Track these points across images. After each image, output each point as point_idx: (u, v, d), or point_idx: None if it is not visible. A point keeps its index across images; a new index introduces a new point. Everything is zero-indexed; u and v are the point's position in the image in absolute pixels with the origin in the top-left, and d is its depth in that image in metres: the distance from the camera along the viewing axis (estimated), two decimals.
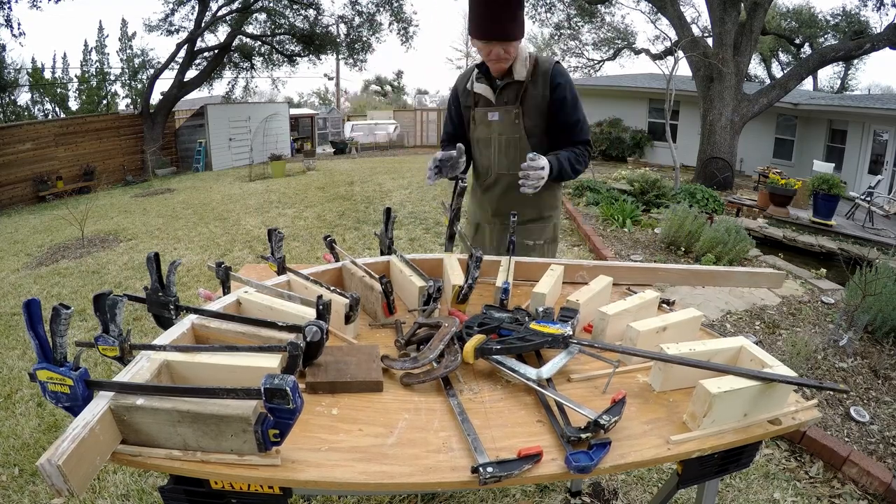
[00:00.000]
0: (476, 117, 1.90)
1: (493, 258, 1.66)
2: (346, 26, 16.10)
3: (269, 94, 24.05)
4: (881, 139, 10.33)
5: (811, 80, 18.06)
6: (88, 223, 6.57)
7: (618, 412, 0.93)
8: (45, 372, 0.85)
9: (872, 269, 3.37)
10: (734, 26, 9.33)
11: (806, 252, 6.28)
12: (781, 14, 15.80)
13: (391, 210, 1.73)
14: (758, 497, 2.06)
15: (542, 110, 1.79)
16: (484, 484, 0.83)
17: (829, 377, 2.82)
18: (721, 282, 1.79)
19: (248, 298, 1.27)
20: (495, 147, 1.88)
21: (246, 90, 17.78)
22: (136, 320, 3.57)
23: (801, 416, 1.05)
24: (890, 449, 2.31)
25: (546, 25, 14.20)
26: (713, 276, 1.76)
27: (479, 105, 1.88)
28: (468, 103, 1.92)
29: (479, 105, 1.88)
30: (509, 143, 1.85)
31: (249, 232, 6.17)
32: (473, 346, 1.12)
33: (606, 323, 1.28)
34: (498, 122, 1.85)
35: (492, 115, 1.85)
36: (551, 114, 1.79)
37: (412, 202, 7.47)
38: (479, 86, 1.86)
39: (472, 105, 1.90)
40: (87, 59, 21.01)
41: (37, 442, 2.38)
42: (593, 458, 0.87)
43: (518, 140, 1.83)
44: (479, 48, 1.72)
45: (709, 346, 1.12)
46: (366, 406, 1.02)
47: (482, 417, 1.00)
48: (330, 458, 0.87)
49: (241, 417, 0.81)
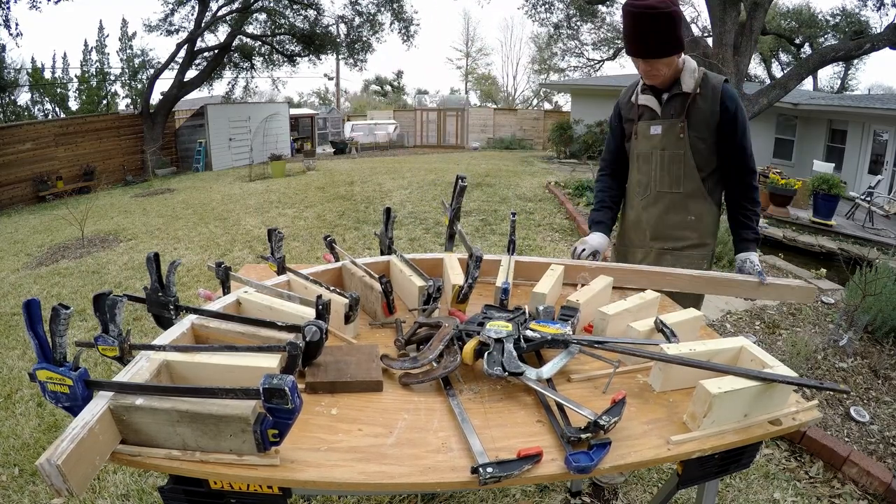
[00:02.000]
0: (638, 131, 1.83)
1: (493, 257, 1.65)
2: (347, 26, 16.12)
3: (269, 94, 24.09)
4: (881, 139, 10.33)
5: (811, 80, 18.07)
6: (88, 223, 6.57)
7: (618, 413, 0.93)
8: (44, 372, 0.86)
9: (872, 269, 3.37)
10: (734, 26, 9.32)
11: (806, 252, 6.27)
12: (781, 14, 15.79)
13: (391, 210, 1.72)
14: (758, 497, 2.06)
15: (710, 126, 1.71)
16: (484, 484, 0.82)
17: (829, 377, 2.81)
18: (738, 292, 1.66)
19: (248, 298, 1.27)
20: (656, 162, 1.79)
21: (246, 90, 17.79)
22: (136, 320, 3.56)
23: (801, 417, 1.05)
24: (890, 449, 2.31)
25: (546, 25, 14.18)
26: (729, 285, 1.63)
27: (643, 118, 1.81)
28: (631, 116, 1.85)
29: (642, 118, 1.81)
30: (673, 159, 1.76)
31: (249, 232, 6.17)
32: (473, 347, 1.11)
33: (606, 323, 1.28)
34: (661, 136, 1.77)
35: (654, 128, 1.77)
36: (720, 134, 1.71)
37: (412, 202, 7.46)
38: (644, 97, 1.79)
39: (636, 118, 1.83)
40: (87, 59, 21.03)
41: (37, 442, 2.38)
42: (593, 458, 0.87)
43: (682, 156, 1.75)
44: (634, 62, 1.70)
45: (709, 346, 1.12)
46: (365, 406, 1.02)
47: (482, 418, 1.00)
48: (329, 458, 0.87)
49: (239, 417, 0.81)
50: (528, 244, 5.29)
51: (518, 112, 20.51)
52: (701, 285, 1.62)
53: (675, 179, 1.78)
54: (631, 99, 1.86)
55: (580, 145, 14.06)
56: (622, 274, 1.64)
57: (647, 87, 1.78)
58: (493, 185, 8.71)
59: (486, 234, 5.75)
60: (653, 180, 1.82)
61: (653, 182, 1.83)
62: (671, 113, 1.74)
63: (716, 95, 1.68)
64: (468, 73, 37.16)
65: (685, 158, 1.75)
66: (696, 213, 1.80)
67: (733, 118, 1.69)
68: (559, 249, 5.22)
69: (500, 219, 6.40)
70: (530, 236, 5.62)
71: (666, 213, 1.82)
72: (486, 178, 9.50)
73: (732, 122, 1.69)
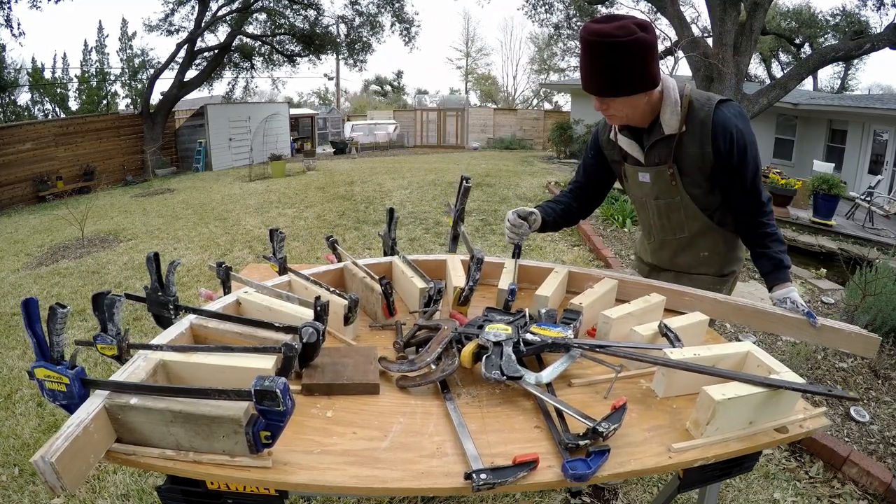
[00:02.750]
0: (627, 174, 1.61)
1: (494, 260, 1.65)
2: (347, 26, 16.12)
3: (269, 94, 24.09)
4: (881, 139, 10.32)
5: (811, 80, 18.05)
6: (88, 223, 6.57)
7: (618, 419, 0.91)
8: (42, 370, 0.86)
9: (872, 269, 3.36)
10: (734, 26, 9.30)
11: (806, 252, 6.27)
12: (781, 14, 15.78)
13: (394, 210, 1.71)
14: (758, 497, 2.05)
15: (703, 170, 1.44)
16: (477, 491, 0.82)
17: (829, 377, 2.81)
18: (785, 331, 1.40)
19: (248, 299, 1.27)
20: (652, 211, 1.60)
21: (246, 90, 17.80)
22: (135, 320, 3.56)
23: (808, 424, 1.02)
24: (890, 449, 2.31)
25: (546, 26, 14.18)
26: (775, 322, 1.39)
27: (628, 161, 1.57)
28: (615, 157, 1.62)
29: (627, 160, 1.57)
30: (670, 206, 1.55)
31: (249, 232, 6.16)
32: (471, 350, 1.11)
33: (610, 327, 1.27)
34: (650, 185, 1.54)
35: (642, 174, 1.54)
36: (719, 175, 1.44)
37: (412, 202, 7.46)
38: (624, 139, 1.53)
39: (620, 160, 1.60)
40: (87, 59, 21.02)
41: (37, 442, 2.38)
42: (591, 465, 0.86)
43: (679, 203, 1.52)
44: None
45: (714, 351, 1.09)
46: (361, 409, 1.02)
47: (479, 422, 0.99)
48: (322, 461, 0.87)
49: (232, 418, 0.81)
50: (527, 244, 5.29)
51: (518, 112, 20.49)
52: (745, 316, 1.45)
53: (677, 226, 1.58)
54: (610, 136, 1.60)
55: (580, 145, 14.05)
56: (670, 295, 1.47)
57: (625, 127, 1.52)
58: (494, 185, 8.70)
59: (486, 235, 5.74)
60: (653, 228, 1.65)
61: (654, 230, 1.66)
62: (656, 161, 1.48)
63: (704, 133, 1.38)
64: (468, 73, 37.16)
65: (684, 205, 1.52)
66: (709, 248, 1.60)
67: (728, 156, 1.38)
68: (559, 249, 5.22)
69: (500, 219, 6.39)
70: (530, 236, 5.61)
71: (676, 255, 1.65)
72: (486, 178, 9.50)
73: (728, 162, 1.39)
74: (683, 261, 1.64)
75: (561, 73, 23.41)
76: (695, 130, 1.40)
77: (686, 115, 1.40)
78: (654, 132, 1.44)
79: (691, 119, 1.40)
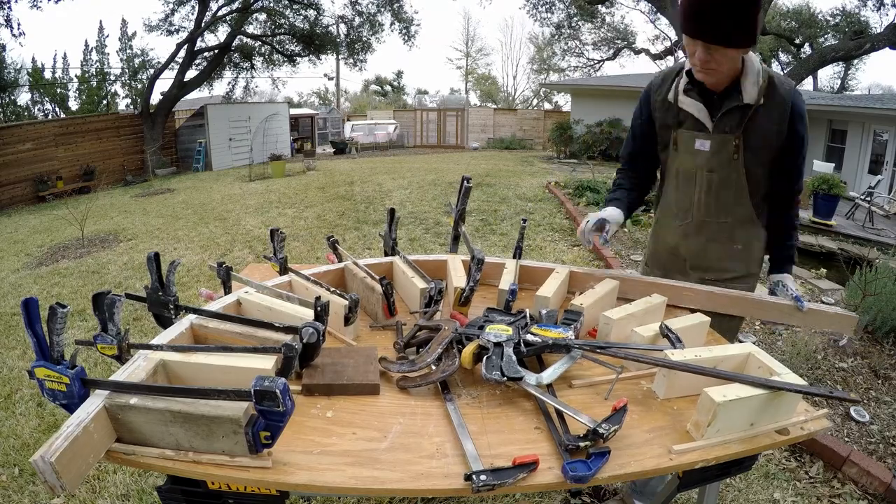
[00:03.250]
0: (679, 141, 1.48)
1: (495, 260, 1.64)
2: (347, 26, 16.13)
3: (269, 94, 24.04)
4: (881, 139, 10.32)
5: (811, 80, 18.08)
6: (88, 223, 6.57)
7: (618, 421, 0.91)
8: (42, 370, 0.86)
9: (872, 269, 3.36)
10: None
11: (806, 252, 6.27)
12: (781, 14, 15.79)
13: (395, 211, 1.71)
14: (758, 497, 2.05)
15: (772, 148, 1.39)
16: (476, 492, 0.81)
17: (828, 377, 2.81)
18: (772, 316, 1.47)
19: (248, 299, 1.27)
20: (701, 185, 1.47)
21: (246, 90, 17.79)
22: (136, 320, 3.56)
23: (810, 426, 1.01)
24: (890, 449, 2.31)
25: (547, 25, 14.19)
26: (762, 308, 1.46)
27: (685, 125, 1.45)
28: (668, 121, 1.49)
29: (684, 125, 1.46)
30: (723, 183, 1.45)
31: (249, 232, 6.16)
32: (472, 351, 1.10)
33: (611, 327, 1.26)
34: (709, 155, 1.43)
35: (701, 142, 1.43)
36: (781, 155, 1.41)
37: (412, 202, 7.46)
38: (691, 102, 1.42)
39: (675, 124, 1.47)
40: (87, 59, 21.04)
41: (37, 442, 2.38)
42: (591, 467, 0.85)
43: (735, 181, 1.44)
44: (686, 45, 1.32)
45: (715, 352, 1.08)
46: (361, 409, 1.02)
47: (479, 423, 0.98)
48: (321, 461, 0.87)
49: (231, 419, 0.81)
50: (527, 244, 5.29)
51: (518, 112, 20.50)
52: (730, 305, 1.45)
53: (724, 207, 1.47)
54: (668, 97, 1.47)
55: (580, 145, 14.06)
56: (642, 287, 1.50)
57: (693, 85, 1.40)
58: (494, 185, 8.70)
59: (486, 235, 5.74)
60: (695, 206, 1.51)
61: (695, 208, 1.51)
62: (725, 128, 1.39)
63: (784, 112, 1.35)
64: (468, 73, 37.18)
65: (737, 184, 1.44)
66: (744, 242, 1.53)
67: (800, 141, 1.39)
68: (559, 249, 5.22)
69: (500, 219, 6.39)
70: (530, 236, 5.61)
71: (709, 243, 1.54)
72: (486, 178, 9.50)
73: (799, 146, 1.40)
74: (715, 250, 1.54)
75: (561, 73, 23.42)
76: (774, 107, 1.35)
77: (766, 90, 1.35)
78: (731, 98, 1.37)
79: (772, 94, 1.35)
